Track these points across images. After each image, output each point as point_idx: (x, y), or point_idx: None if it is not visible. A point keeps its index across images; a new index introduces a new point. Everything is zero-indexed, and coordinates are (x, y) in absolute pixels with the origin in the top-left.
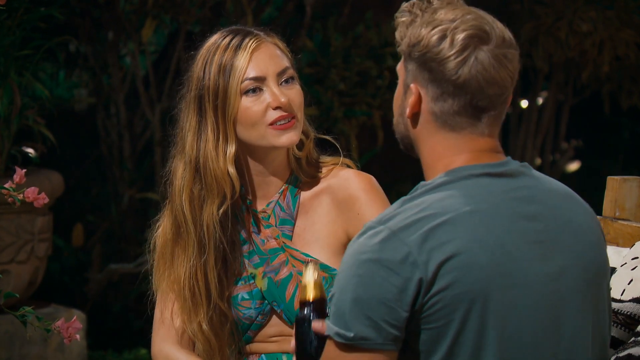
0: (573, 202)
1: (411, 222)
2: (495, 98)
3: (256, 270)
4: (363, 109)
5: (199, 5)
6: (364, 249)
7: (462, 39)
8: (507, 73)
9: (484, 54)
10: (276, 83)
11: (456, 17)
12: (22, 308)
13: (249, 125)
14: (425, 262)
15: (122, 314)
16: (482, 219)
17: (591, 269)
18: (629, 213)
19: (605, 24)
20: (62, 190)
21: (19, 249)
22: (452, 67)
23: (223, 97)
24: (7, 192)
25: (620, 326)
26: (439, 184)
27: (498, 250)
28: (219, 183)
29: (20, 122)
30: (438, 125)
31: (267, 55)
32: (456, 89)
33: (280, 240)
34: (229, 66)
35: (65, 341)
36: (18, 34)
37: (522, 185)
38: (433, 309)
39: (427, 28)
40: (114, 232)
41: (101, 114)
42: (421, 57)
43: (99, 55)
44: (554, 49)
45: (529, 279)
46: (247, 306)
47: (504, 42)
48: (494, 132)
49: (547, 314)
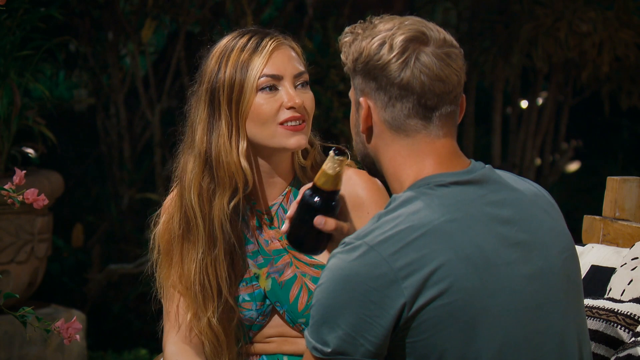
0: (539, 199)
1: (388, 236)
2: (444, 95)
3: (260, 271)
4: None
5: (198, 5)
6: (342, 264)
7: (400, 42)
8: (452, 71)
9: (424, 54)
10: (292, 84)
11: (394, 25)
12: (21, 308)
13: (260, 122)
14: (406, 276)
15: (121, 315)
16: (459, 228)
17: (569, 266)
18: (628, 213)
19: (604, 25)
20: (62, 191)
21: (19, 249)
22: (395, 69)
23: (239, 91)
24: (7, 193)
25: (620, 326)
26: (411, 197)
27: (479, 258)
28: (232, 176)
29: (20, 123)
30: (392, 134)
31: (285, 56)
32: (402, 90)
33: (284, 242)
34: (246, 62)
35: (65, 342)
36: (18, 34)
37: (492, 190)
38: (418, 321)
39: (367, 40)
40: (113, 232)
41: (101, 115)
42: (364, 67)
43: (98, 56)
44: (553, 49)
45: (512, 282)
46: (248, 307)
47: (445, 43)
48: (449, 132)
49: (534, 314)
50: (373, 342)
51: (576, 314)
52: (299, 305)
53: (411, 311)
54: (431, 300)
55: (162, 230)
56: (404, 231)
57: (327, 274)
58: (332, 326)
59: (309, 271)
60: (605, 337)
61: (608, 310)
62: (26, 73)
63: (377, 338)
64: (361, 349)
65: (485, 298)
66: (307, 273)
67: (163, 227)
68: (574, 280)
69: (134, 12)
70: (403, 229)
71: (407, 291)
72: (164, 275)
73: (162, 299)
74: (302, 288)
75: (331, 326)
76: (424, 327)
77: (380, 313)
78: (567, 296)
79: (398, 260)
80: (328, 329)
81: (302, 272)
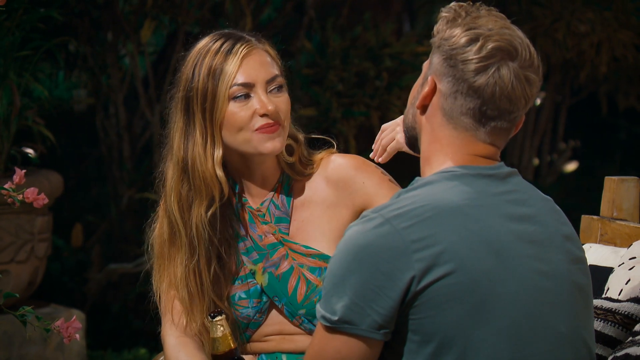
0: (558, 213)
1: (405, 211)
2: (505, 113)
3: (255, 267)
4: (361, 109)
5: (197, 6)
6: (356, 235)
7: (490, 48)
8: (523, 94)
9: (506, 68)
10: (264, 90)
11: (494, 27)
12: (21, 308)
13: (235, 130)
14: (417, 250)
15: (121, 314)
16: (476, 214)
17: (581, 277)
18: (626, 213)
19: (603, 25)
20: (62, 191)
21: (19, 249)
22: (473, 69)
23: (211, 100)
24: (6, 193)
25: (618, 326)
26: (433, 179)
27: (492, 245)
28: (207, 185)
29: (20, 123)
30: (443, 121)
31: (257, 62)
32: (470, 90)
33: (278, 235)
34: (218, 70)
35: (64, 341)
36: (17, 34)
37: (514, 189)
38: (425, 298)
39: (463, 28)
40: (113, 232)
41: (100, 115)
42: (448, 52)
43: (98, 56)
44: (551, 50)
45: (524, 274)
46: (245, 305)
47: (531, 66)
48: (496, 142)
49: (543, 310)
50: (380, 314)
51: (586, 321)
52: (297, 296)
53: (419, 286)
54: (440, 278)
55: (157, 234)
56: (421, 208)
57: (341, 244)
58: (340, 295)
59: (305, 261)
60: (603, 337)
61: (606, 309)
62: (26, 73)
63: (385, 309)
64: (368, 320)
65: (495, 284)
66: (304, 264)
67: (157, 231)
68: (585, 291)
69: (133, 13)
70: (420, 206)
71: (417, 265)
72: (159, 279)
73: (157, 301)
74: (299, 279)
75: (340, 295)
76: (431, 304)
77: (389, 284)
78: (576, 302)
79: (411, 235)
80: (337, 298)
81: (299, 263)
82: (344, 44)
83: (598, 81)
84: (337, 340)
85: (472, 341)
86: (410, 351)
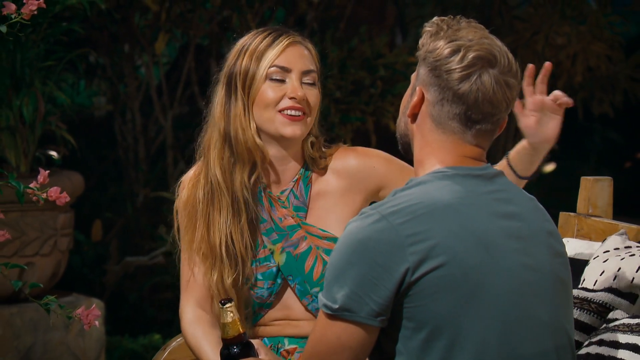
0: (541, 210)
1: (400, 208)
2: (488, 116)
3: (274, 247)
4: (357, 115)
5: (207, 20)
6: (356, 230)
7: (471, 57)
8: (504, 97)
9: (487, 75)
10: (299, 79)
11: (474, 38)
12: (45, 297)
13: (262, 106)
14: (411, 244)
15: (137, 303)
16: (466, 211)
17: (562, 270)
18: (601, 210)
19: (578, 38)
20: (82, 190)
21: (43, 243)
22: (456, 78)
23: (251, 78)
24: (32, 192)
25: (593, 314)
26: (426, 179)
27: (481, 240)
28: (250, 151)
29: (44, 128)
30: (432, 126)
31: (297, 53)
32: (455, 97)
33: (297, 219)
34: (261, 53)
35: (85, 327)
36: (42, 46)
37: (501, 189)
38: (418, 288)
39: (445, 40)
40: (129, 227)
41: (118, 120)
42: (433, 63)
43: (116, 66)
44: (531, 60)
45: (511, 267)
46: (260, 286)
47: (510, 71)
48: (481, 143)
49: (527, 300)
50: (377, 302)
51: (566, 311)
52: (314, 274)
53: (413, 277)
54: (432, 270)
55: (185, 199)
56: (415, 205)
57: (342, 238)
58: (341, 285)
59: (322, 244)
60: (579, 324)
61: (582, 299)
62: (50, 82)
63: (382, 299)
64: (366, 308)
65: (484, 276)
66: (321, 246)
67: (186, 196)
68: (565, 283)
69: (148, 27)
70: (414, 204)
71: (412, 258)
72: (188, 239)
73: (180, 267)
74: (317, 259)
75: (341, 285)
76: (424, 294)
77: (386, 275)
78: (558, 294)
79: (406, 230)
80: (338, 287)
81: (317, 245)
82: (341, 54)
83: (574, 89)
84: (337, 327)
85: (462, 328)
86: (405, 337)
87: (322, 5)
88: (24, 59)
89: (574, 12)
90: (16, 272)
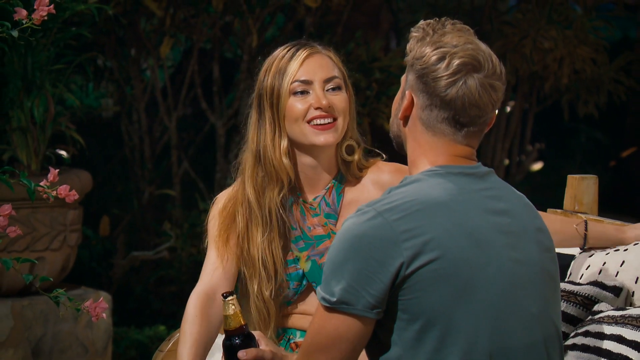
0: (530, 207)
1: (395, 205)
2: (476, 118)
3: (301, 254)
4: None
5: (210, 25)
6: (353, 227)
7: (456, 65)
8: (490, 100)
9: (472, 80)
10: (322, 88)
11: (458, 43)
12: (55, 290)
13: (293, 120)
14: (406, 240)
15: (143, 296)
16: (458, 208)
17: (550, 264)
18: (586, 207)
19: (564, 42)
20: (91, 187)
21: (53, 238)
22: (443, 85)
23: (277, 95)
24: (42, 190)
25: (579, 306)
26: (420, 178)
27: (472, 235)
28: (277, 171)
29: (54, 128)
30: (423, 129)
31: (316, 64)
32: (443, 103)
33: (327, 227)
34: (283, 70)
35: (93, 319)
36: (52, 50)
37: (492, 187)
38: (412, 281)
39: (431, 47)
40: (135, 223)
41: (125, 121)
42: (420, 70)
43: (122, 69)
44: (520, 63)
45: (501, 261)
46: (286, 286)
47: (494, 74)
48: (471, 143)
49: (516, 292)
50: (373, 295)
51: (554, 304)
52: None
53: (407, 271)
54: (425, 264)
55: (222, 207)
56: (409, 203)
57: (339, 234)
58: (339, 279)
59: None
60: (566, 316)
61: (568, 292)
62: (59, 84)
63: (377, 292)
64: (362, 301)
65: (475, 270)
66: None
67: (222, 205)
68: (553, 277)
69: (153, 31)
70: (408, 201)
71: (406, 252)
72: (222, 237)
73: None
74: None
75: (338, 279)
76: (418, 287)
77: (381, 270)
78: (546, 287)
79: (401, 226)
80: (336, 282)
81: None
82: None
83: (560, 91)
84: (335, 319)
85: (454, 320)
86: (400, 328)
87: (320, 11)
88: (35, 63)
89: (560, 17)
90: (27, 266)
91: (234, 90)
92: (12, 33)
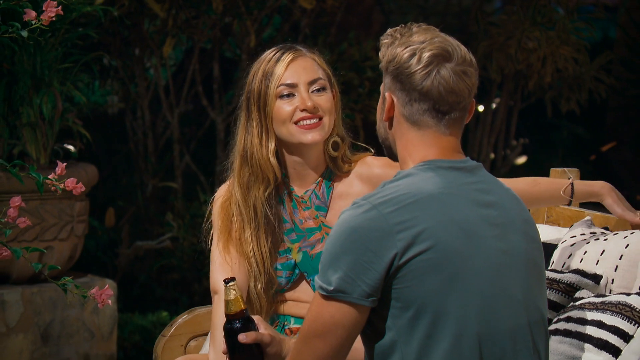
0: (517, 200)
1: (389, 199)
2: (455, 104)
3: (292, 245)
4: (347, 112)
5: (210, 26)
6: (349, 219)
7: (427, 57)
8: (465, 85)
9: (445, 69)
10: (307, 90)
11: (425, 39)
12: (63, 278)
13: (280, 122)
14: (399, 231)
15: (146, 283)
16: (449, 201)
17: (536, 254)
18: None
19: (547, 42)
20: (97, 180)
21: (61, 229)
22: (418, 78)
23: (264, 98)
24: (50, 182)
25: (562, 293)
26: (413, 172)
27: (462, 227)
28: (264, 170)
29: (62, 124)
30: (408, 126)
31: (300, 67)
32: (421, 96)
33: (318, 220)
34: (269, 74)
35: (99, 306)
36: (60, 50)
37: (480, 180)
38: (405, 270)
39: (401, 47)
40: (139, 214)
41: (129, 117)
42: (395, 70)
43: (127, 68)
44: (505, 62)
45: (488, 251)
46: (280, 275)
47: (465, 62)
48: (454, 132)
49: (503, 281)
50: (369, 284)
51: (540, 291)
52: None
53: (401, 261)
54: (418, 254)
55: (220, 204)
56: (402, 196)
57: (336, 226)
58: (335, 268)
59: None
60: (549, 302)
61: (551, 279)
62: (67, 82)
63: (372, 281)
64: (358, 290)
65: (465, 259)
66: None
67: (221, 201)
68: (539, 265)
69: (156, 32)
70: (401, 194)
71: (400, 243)
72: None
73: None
74: None
75: (335, 268)
76: (410, 276)
77: (376, 260)
78: (531, 275)
79: (394, 218)
80: (332, 271)
81: None
82: (332, 57)
83: (544, 89)
84: (331, 307)
85: (444, 306)
86: (394, 315)
87: (314, 12)
88: (44, 61)
89: (543, 19)
90: (36, 255)
91: (233, 88)
92: (21, 33)
